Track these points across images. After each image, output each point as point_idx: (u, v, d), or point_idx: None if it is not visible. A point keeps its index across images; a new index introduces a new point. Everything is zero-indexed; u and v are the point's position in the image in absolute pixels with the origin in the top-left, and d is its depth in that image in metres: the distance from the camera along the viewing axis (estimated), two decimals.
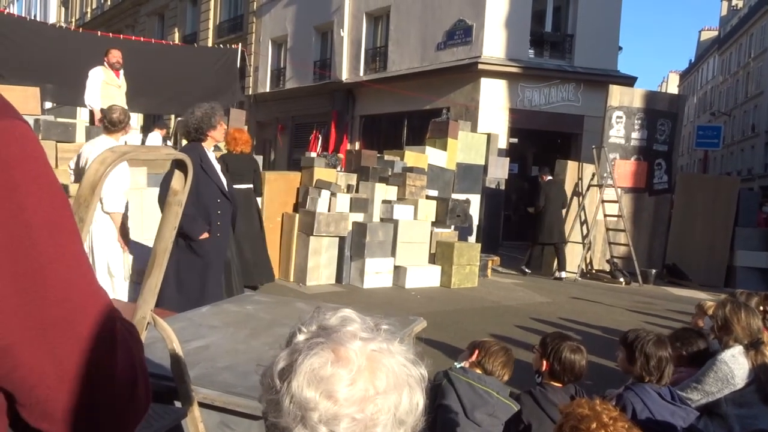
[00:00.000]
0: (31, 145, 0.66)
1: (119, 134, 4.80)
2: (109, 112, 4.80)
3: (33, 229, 0.64)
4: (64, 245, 0.67)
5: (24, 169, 0.64)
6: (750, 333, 3.00)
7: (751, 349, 2.96)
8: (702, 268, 10.75)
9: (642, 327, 3.02)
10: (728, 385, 2.90)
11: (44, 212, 0.65)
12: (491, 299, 8.16)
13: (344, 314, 0.86)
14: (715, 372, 2.94)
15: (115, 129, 4.72)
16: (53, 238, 0.66)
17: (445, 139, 11.88)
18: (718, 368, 2.94)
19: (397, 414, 0.79)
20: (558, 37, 16.21)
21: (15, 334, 0.62)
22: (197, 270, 4.13)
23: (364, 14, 18.48)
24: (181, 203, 1.62)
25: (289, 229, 8.35)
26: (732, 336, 3.01)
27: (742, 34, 44.62)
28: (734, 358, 2.95)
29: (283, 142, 21.30)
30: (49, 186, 0.67)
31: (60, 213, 0.68)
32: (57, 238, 0.66)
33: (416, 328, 2.83)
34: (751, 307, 3.11)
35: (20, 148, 0.64)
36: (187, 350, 2.10)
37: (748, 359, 2.94)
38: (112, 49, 8.74)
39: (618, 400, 2.50)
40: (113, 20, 30.20)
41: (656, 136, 11.62)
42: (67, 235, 0.68)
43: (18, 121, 0.65)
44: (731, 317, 3.03)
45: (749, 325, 3.01)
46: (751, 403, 2.91)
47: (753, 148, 41.47)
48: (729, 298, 3.22)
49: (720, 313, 3.09)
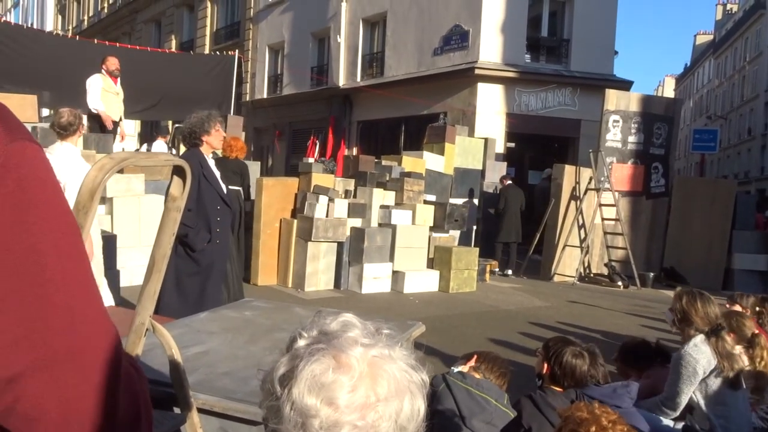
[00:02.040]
0: (42, 168, 0.64)
1: (74, 137, 4.54)
2: (57, 116, 4.57)
3: (41, 255, 0.62)
4: (73, 273, 0.65)
5: (33, 193, 0.62)
6: (709, 321, 3.02)
7: (712, 336, 2.98)
8: (700, 271, 10.77)
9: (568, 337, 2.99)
10: (696, 374, 2.92)
11: (53, 237, 0.63)
12: (489, 303, 8.16)
13: (345, 319, 0.86)
14: (683, 367, 2.96)
15: (66, 133, 4.47)
16: (61, 265, 0.63)
17: (442, 144, 11.91)
18: (685, 361, 2.96)
19: (398, 421, 0.79)
20: (554, 42, 16.27)
21: (19, 364, 0.60)
22: (197, 276, 4.14)
23: (360, 20, 18.53)
24: (179, 209, 1.62)
25: (287, 235, 8.35)
26: (692, 326, 3.04)
27: (737, 37, 44.84)
28: (696, 347, 2.98)
29: (280, 148, 21.32)
30: (58, 211, 0.65)
31: (69, 239, 0.65)
32: (65, 264, 0.64)
33: (415, 333, 2.83)
34: (707, 296, 3.12)
35: (31, 171, 0.62)
36: (186, 356, 2.10)
37: (710, 346, 2.96)
38: (110, 57, 8.75)
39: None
40: (110, 28, 30.25)
41: (653, 139, 11.65)
42: (76, 263, 0.66)
43: (30, 143, 0.64)
44: (688, 308, 3.05)
45: (707, 313, 3.03)
46: (719, 392, 2.93)
47: (749, 151, 41.63)
48: (684, 289, 3.23)
49: (677, 306, 3.11)
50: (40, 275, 0.61)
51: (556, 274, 10.70)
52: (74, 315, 0.64)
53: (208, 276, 4.17)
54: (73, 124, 4.49)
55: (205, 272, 4.15)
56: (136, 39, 27.63)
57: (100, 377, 0.65)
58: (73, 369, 0.63)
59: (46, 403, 0.62)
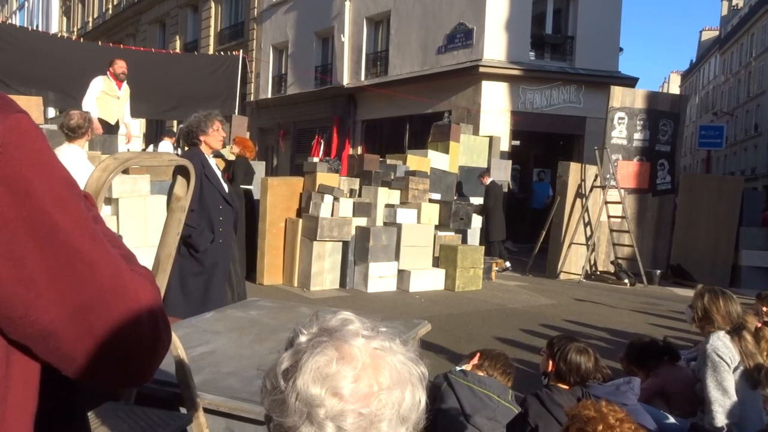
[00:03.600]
0: (40, 137, 0.68)
1: (82, 140, 4.55)
2: (66, 118, 4.59)
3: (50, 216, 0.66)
4: (85, 230, 0.70)
5: (31, 161, 0.65)
6: (731, 320, 2.98)
7: (734, 335, 2.95)
8: (707, 268, 10.71)
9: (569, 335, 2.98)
10: (727, 366, 2.87)
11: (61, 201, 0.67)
12: (495, 302, 8.14)
13: (344, 316, 0.88)
14: (712, 364, 2.90)
15: (75, 135, 4.48)
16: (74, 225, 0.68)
17: (447, 143, 11.90)
18: (710, 359, 2.91)
19: (400, 410, 0.81)
20: (559, 39, 16.22)
21: (57, 320, 0.66)
22: (201, 276, 4.15)
23: (364, 19, 18.52)
24: (184, 209, 1.62)
25: (292, 235, 8.36)
26: (713, 325, 3.00)
27: (743, 33, 44.59)
28: (721, 341, 2.93)
29: (285, 147, 21.34)
30: (58, 176, 0.68)
31: (76, 201, 0.70)
32: (77, 224, 0.69)
33: (421, 332, 2.83)
34: (729, 294, 3.07)
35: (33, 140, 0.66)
36: (192, 356, 2.10)
37: (733, 345, 2.93)
38: (117, 60, 8.68)
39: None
40: (115, 29, 30.34)
41: (658, 136, 11.60)
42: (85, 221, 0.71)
43: (24, 115, 0.67)
44: (710, 307, 3.01)
45: (729, 312, 2.99)
46: (738, 390, 2.89)
47: (756, 148, 41.39)
48: (706, 287, 3.19)
49: (699, 304, 3.06)
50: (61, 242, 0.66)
51: (562, 272, 10.66)
52: (95, 268, 0.68)
53: (211, 276, 4.18)
54: (82, 127, 4.51)
55: (209, 272, 4.16)
56: (140, 40, 27.71)
57: (125, 315, 0.71)
58: (102, 314, 0.70)
59: (84, 345, 0.69)
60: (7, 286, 0.63)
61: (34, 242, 0.64)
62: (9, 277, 0.63)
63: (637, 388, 2.64)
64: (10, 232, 0.62)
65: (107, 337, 0.70)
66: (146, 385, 1.95)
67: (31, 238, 0.64)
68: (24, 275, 0.64)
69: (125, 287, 0.72)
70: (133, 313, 0.72)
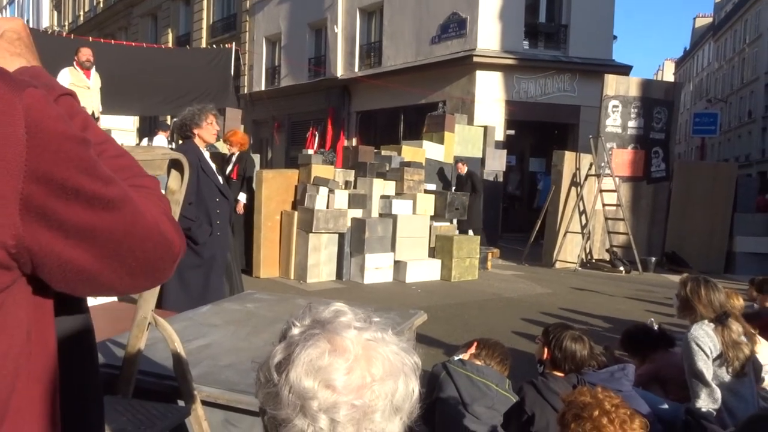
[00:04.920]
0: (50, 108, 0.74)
1: None
2: None
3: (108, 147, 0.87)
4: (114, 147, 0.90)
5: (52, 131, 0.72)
6: (713, 309, 2.94)
7: (718, 324, 2.91)
8: (702, 254, 10.77)
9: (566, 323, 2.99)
10: (707, 354, 2.86)
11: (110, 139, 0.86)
12: (492, 291, 8.17)
13: (336, 307, 0.88)
14: (691, 354, 2.90)
15: None
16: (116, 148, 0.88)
17: (441, 133, 11.89)
18: (690, 348, 2.90)
19: (393, 400, 0.81)
20: (552, 28, 16.18)
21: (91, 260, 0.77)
22: (200, 269, 4.15)
23: (357, 10, 18.44)
24: (178, 202, 1.62)
25: (288, 227, 8.35)
26: (695, 314, 2.97)
27: (736, 20, 44.57)
28: (702, 330, 2.91)
29: (279, 140, 21.28)
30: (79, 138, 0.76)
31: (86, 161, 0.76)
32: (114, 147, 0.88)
33: (417, 322, 2.84)
34: (712, 282, 3.03)
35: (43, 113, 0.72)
36: (189, 349, 2.11)
37: (716, 335, 2.89)
38: (82, 48, 8.49)
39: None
40: (106, 22, 30.11)
41: (653, 124, 11.62)
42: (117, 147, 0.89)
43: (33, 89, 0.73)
44: (691, 296, 2.98)
45: (711, 301, 2.94)
46: (724, 380, 2.90)
47: (750, 134, 41.49)
48: (690, 276, 3.15)
49: (681, 293, 3.04)
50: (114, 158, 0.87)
51: (558, 261, 10.70)
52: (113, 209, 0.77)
53: (210, 268, 4.18)
54: None
55: (208, 265, 4.17)
56: (132, 33, 27.52)
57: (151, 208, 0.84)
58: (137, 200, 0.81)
59: (113, 270, 0.80)
60: (55, 243, 0.73)
61: (66, 208, 0.73)
62: (51, 237, 0.73)
63: (631, 375, 2.66)
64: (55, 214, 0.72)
65: (131, 260, 0.81)
66: (144, 379, 1.96)
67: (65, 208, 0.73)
68: (63, 232, 0.73)
69: (138, 213, 0.81)
70: (146, 231, 0.82)
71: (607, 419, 1.72)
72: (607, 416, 1.73)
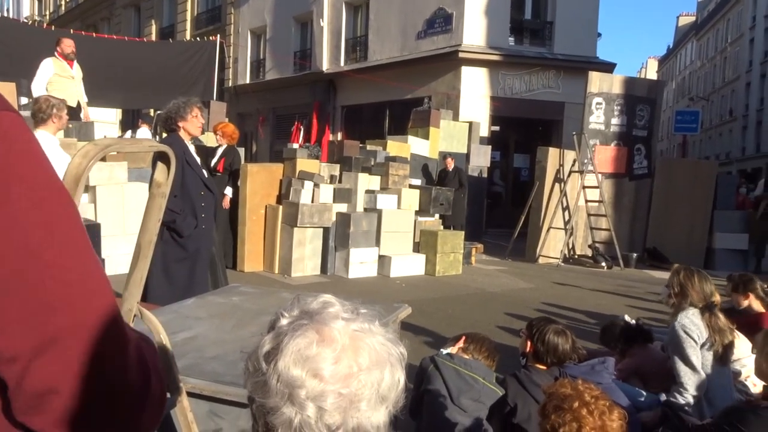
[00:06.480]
0: (23, 137, 0.62)
1: (48, 125, 4.31)
2: (33, 103, 4.39)
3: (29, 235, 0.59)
4: (66, 244, 0.63)
5: (15, 166, 0.60)
6: (704, 297, 3.12)
7: (706, 312, 3.07)
8: (682, 250, 10.91)
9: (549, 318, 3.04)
10: (695, 341, 2.99)
11: (41, 212, 0.61)
12: (475, 286, 8.22)
13: (324, 299, 0.90)
14: (679, 341, 3.01)
15: (36, 120, 4.26)
16: (53, 239, 0.61)
17: (427, 128, 11.92)
18: (678, 335, 3.02)
19: (379, 390, 0.83)
20: (538, 25, 16.27)
21: (22, 345, 0.60)
22: (185, 262, 4.14)
23: (343, 4, 18.38)
24: (164, 195, 1.62)
25: (272, 221, 8.34)
26: (688, 300, 3.12)
27: (719, 19, 45.04)
28: (689, 318, 3.05)
29: (264, 133, 21.18)
30: (44, 181, 0.62)
31: (59, 209, 0.63)
32: (57, 238, 0.62)
33: (401, 315, 2.86)
34: (703, 273, 3.23)
35: (10, 144, 0.60)
36: (175, 341, 2.11)
37: (703, 322, 3.05)
38: (64, 39, 8.33)
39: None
40: (88, 13, 29.71)
41: (635, 121, 11.74)
42: (68, 233, 0.64)
43: (7, 113, 0.61)
44: (686, 283, 3.14)
45: (702, 289, 3.12)
46: (707, 366, 3.00)
47: (731, 132, 42.01)
48: (681, 266, 3.33)
49: (675, 280, 3.20)
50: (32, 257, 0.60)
51: (541, 256, 10.79)
52: (72, 289, 0.62)
53: (195, 261, 4.17)
54: (43, 112, 4.29)
55: (193, 258, 4.16)
56: (115, 24, 27.19)
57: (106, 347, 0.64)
58: (77, 343, 0.62)
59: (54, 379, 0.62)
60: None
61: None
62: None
63: (611, 368, 2.71)
64: None
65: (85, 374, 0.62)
66: None
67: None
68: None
69: (110, 320, 0.64)
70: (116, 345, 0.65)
71: (587, 410, 1.76)
72: (586, 407, 1.76)
